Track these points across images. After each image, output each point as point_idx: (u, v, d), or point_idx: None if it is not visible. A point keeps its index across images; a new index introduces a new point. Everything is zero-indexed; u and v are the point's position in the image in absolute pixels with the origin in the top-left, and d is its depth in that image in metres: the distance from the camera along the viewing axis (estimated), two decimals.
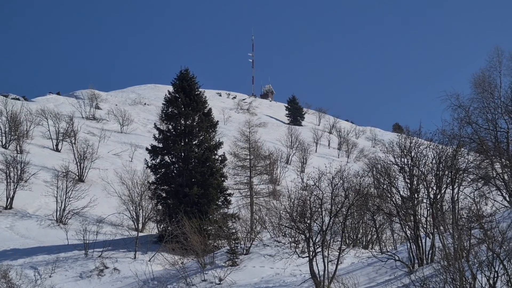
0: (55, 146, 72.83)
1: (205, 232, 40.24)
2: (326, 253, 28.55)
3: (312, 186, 30.33)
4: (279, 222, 35.01)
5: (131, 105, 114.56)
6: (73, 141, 72.22)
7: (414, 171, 29.73)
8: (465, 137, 39.28)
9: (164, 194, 45.45)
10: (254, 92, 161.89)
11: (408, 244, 28.84)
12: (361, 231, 40.76)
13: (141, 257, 40.22)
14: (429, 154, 30.13)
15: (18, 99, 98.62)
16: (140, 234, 43.68)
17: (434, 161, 29.75)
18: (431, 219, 28.59)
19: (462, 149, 34.58)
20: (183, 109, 45.95)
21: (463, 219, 25.87)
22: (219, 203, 45.34)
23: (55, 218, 49.52)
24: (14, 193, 51.42)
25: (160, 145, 46.01)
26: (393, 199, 30.15)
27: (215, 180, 44.53)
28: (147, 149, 47.00)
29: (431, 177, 29.56)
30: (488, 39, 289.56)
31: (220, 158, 46.49)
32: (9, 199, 51.23)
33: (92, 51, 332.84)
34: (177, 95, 46.60)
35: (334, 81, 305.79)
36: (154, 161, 46.01)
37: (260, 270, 35.71)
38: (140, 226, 47.38)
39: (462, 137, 38.11)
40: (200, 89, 47.86)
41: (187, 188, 43.64)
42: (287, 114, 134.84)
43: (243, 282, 34.02)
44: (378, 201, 32.36)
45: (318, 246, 28.77)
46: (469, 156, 34.50)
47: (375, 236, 39.61)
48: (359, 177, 36.14)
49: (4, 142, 67.72)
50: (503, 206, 33.91)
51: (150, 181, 46.73)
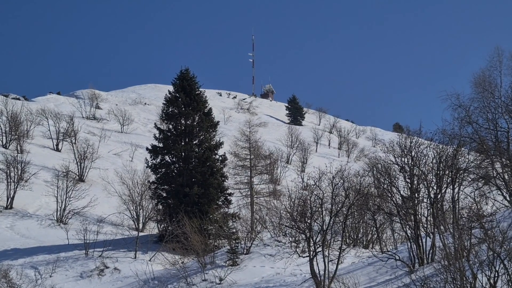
0: (55, 146, 72.85)
1: (205, 231, 40.24)
2: (326, 253, 28.53)
3: (312, 186, 30.32)
4: (280, 221, 35.03)
5: (131, 105, 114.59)
6: (74, 141, 72.29)
7: (415, 171, 29.73)
8: (466, 137, 39.27)
9: (165, 194, 45.44)
10: (255, 91, 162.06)
11: (409, 243, 28.83)
12: (361, 230, 40.73)
13: (142, 257, 40.22)
14: (429, 154, 30.13)
15: (18, 99, 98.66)
16: (141, 234, 43.65)
17: (434, 161, 29.75)
18: (431, 219, 28.58)
19: (463, 148, 34.59)
20: (183, 109, 45.94)
21: (464, 218, 25.87)
22: (220, 202, 45.34)
23: (56, 218, 49.53)
24: (14, 193, 51.44)
25: (161, 144, 46.00)
26: (394, 199, 30.14)
27: (215, 180, 44.52)
28: (147, 148, 46.99)
29: (431, 177, 29.56)
30: (488, 38, 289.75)
31: (221, 158, 46.47)
32: (9, 199, 51.24)
33: (92, 51, 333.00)
34: (177, 94, 46.59)
35: (334, 80, 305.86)
36: (154, 161, 46.00)
37: (261, 269, 35.70)
38: (141, 226, 47.36)
39: (462, 136, 38.10)
40: (200, 89, 47.84)
41: (188, 188, 43.62)
42: (287, 113, 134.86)
43: (244, 282, 34.01)
44: (379, 201, 32.35)
45: (318, 245, 28.76)
46: (470, 155, 34.51)
47: (375, 235, 39.59)
48: (360, 177, 36.11)
49: (4, 142, 67.74)
50: (504, 206, 33.90)
51: (151, 180, 46.72)
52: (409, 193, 29.88)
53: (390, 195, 30.45)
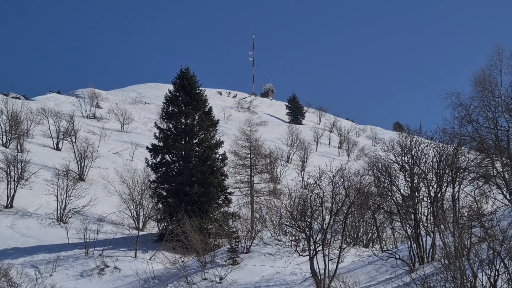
0: (55, 145, 72.84)
1: (205, 231, 40.24)
2: (326, 252, 28.53)
3: (312, 185, 30.31)
4: (280, 220, 35.01)
5: (131, 104, 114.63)
6: (74, 140, 72.27)
7: (415, 170, 29.72)
8: (466, 136, 39.23)
9: (165, 193, 45.45)
10: (255, 90, 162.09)
11: (409, 242, 28.83)
12: (361, 229, 40.75)
13: (142, 256, 40.22)
14: (429, 153, 30.12)
15: (18, 98, 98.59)
16: (141, 233, 43.65)
17: (434, 160, 29.76)
18: (431, 218, 28.59)
19: (463, 147, 34.58)
20: (183, 108, 45.94)
21: (464, 217, 25.85)
22: (220, 201, 45.33)
23: (56, 217, 49.52)
24: (14, 192, 51.42)
25: (161, 144, 45.99)
26: (394, 198, 30.15)
27: (215, 179, 44.51)
28: (147, 148, 46.99)
29: (431, 176, 29.56)
30: (488, 37, 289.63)
31: (221, 157, 46.47)
32: (9, 198, 51.23)
33: (92, 50, 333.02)
34: (177, 93, 46.58)
35: (334, 79, 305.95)
36: (154, 160, 46.00)
37: (261, 268, 35.71)
38: (141, 225, 47.37)
39: (462, 135, 38.05)
40: (200, 88, 47.81)
41: (188, 187, 43.62)
42: (287, 112, 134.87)
43: (244, 281, 34.02)
44: (379, 200, 32.37)
45: (318, 244, 28.75)
46: (470, 154, 34.49)
47: (375, 234, 39.61)
48: (360, 176, 36.17)
49: (4, 141, 67.71)
50: (504, 205, 33.89)
51: (151, 179, 46.72)
52: (409, 192, 29.88)
53: (390, 194, 30.45)
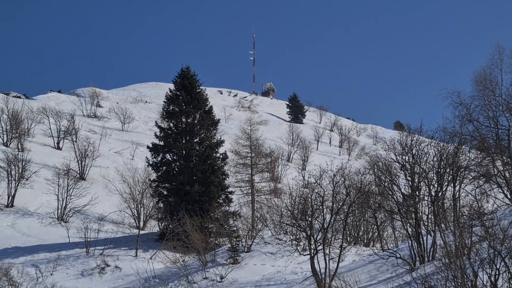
0: (56, 144, 72.89)
1: (206, 230, 40.23)
2: (327, 251, 28.53)
3: (313, 184, 30.31)
4: (280, 219, 34.99)
5: (132, 103, 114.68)
6: (74, 139, 72.29)
7: (415, 169, 29.70)
8: (466, 135, 39.21)
9: (165, 192, 45.44)
10: (255, 90, 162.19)
11: (409, 241, 28.82)
12: (362, 228, 40.74)
13: (143, 255, 40.24)
14: (430, 152, 30.11)
15: (19, 97, 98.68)
16: (142, 232, 43.67)
17: (435, 159, 29.74)
18: (432, 217, 28.58)
19: (463, 146, 34.55)
20: (184, 107, 45.92)
21: (465, 216, 25.87)
22: (220, 201, 45.32)
23: (57, 216, 49.56)
24: (15, 191, 51.47)
25: (161, 143, 45.99)
26: (394, 197, 30.14)
27: (216, 178, 44.51)
28: (148, 147, 46.98)
29: (432, 175, 29.54)
30: (489, 36, 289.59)
31: (221, 156, 46.45)
32: (10, 197, 51.28)
33: (93, 49, 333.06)
34: (178, 93, 46.58)
35: (335, 79, 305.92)
36: (155, 159, 46.00)
37: (261, 268, 35.71)
38: (142, 224, 47.37)
39: (463, 134, 38.04)
40: (201, 87, 47.77)
41: (188, 186, 43.62)
42: (288, 112, 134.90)
43: (244, 280, 34.02)
44: (379, 199, 32.37)
45: (319, 243, 28.76)
46: (470, 153, 34.45)
47: (376, 233, 39.61)
48: (360, 175, 36.08)
49: (5, 140, 67.75)
50: (504, 204, 33.89)
51: (151, 179, 46.72)
52: (410, 191, 29.87)
53: (391, 193, 30.45)
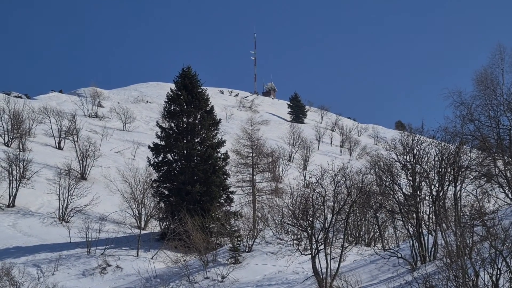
0: (57, 144, 72.91)
1: (207, 230, 40.24)
2: (328, 251, 28.54)
3: (314, 184, 30.31)
4: (282, 219, 35.02)
5: (133, 103, 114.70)
6: (76, 139, 72.29)
7: (417, 169, 29.69)
8: (468, 135, 39.16)
9: (167, 192, 45.46)
10: (256, 89, 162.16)
11: (411, 241, 28.81)
12: (363, 228, 40.72)
13: (144, 255, 40.26)
14: (431, 152, 30.10)
15: (20, 97, 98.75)
16: (143, 232, 43.69)
17: (436, 159, 29.72)
18: (433, 217, 28.56)
19: (465, 146, 34.51)
20: (185, 106, 45.93)
21: (466, 216, 25.85)
22: (222, 200, 45.34)
23: (58, 216, 49.57)
24: (16, 191, 51.48)
25: (163, 143, 46.00)
26: (396, 197, 30.14)
27: (217, 178, 44.52)
28: (149, 147, 46.99)
29: (433, 175, 29.53)
30: (490, 36, 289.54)
31: (223, 156, 46.46)
32: (11, 197, 51.29)
33: (94, 49, 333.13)
34: (179, 92, 46.58)
35: (336, 78, 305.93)
36: (156, 159, 46.02)
37: (263, 267, 35.72)
38: (143, 224, 47.37)
39: (464, 134, 37.99)
40: (202, 87, 47.79)
41: (190, 186, 43.63)
42: (289, 111, 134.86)
43: (246, 280, 34.03)
44: (381, 199, 32.36)
45: (320, 243, 28.76)
46: (472, 153, 34.40)
47: (377, 233, 39.60)
48: (362, 175, 36.07)
49: (6, 140, 67.77)
50: (506, 204, 33.84)
51: (153, 179, 46.74)
52: (411, 191, 29.86)
53: (392, 193, 30.44)
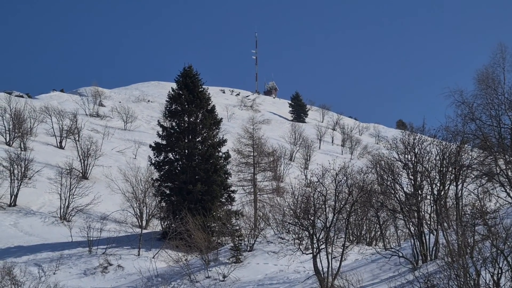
0: (58, 143, 72.94)
1: (208, 229, 40.25)
2: (329, 250, 28.54)
3: (315, 183, 30.32)
4: (283, 218, 35.01)
5: (134, 102, 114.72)
6: (77, 138, 72.26)
7: (418, 168, 29.70)
8: (469, 134, 39.15)
9: (168, 191, 45.46)
10: (258, 89, 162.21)
11: (412, 240, 28.82)
12: (364, 227, 40.73)
13: (145, 254, 40.27)
14: (432, 151, 30.09)
15: (21, 97, 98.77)
16: (144, 231, 43.71)
17: (437, 158, 29.72)
18: (435, 216, 28.57)
19: (466, 145, 34.53)
20: (186, 106, 45.93)
21: (467, 215, 25.88)
22: (223, 200, 45.33)
23: (59, 215, 49.60)
24: (18, 190, 51.52)
25: (164, 142, 46.00)
26: (397, 196, 30.14)
27: (218, 177, 44.51)
28: (150, 146, 46.99)
29: (434, 174, 29.52)
30: (491, 35, 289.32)
31: (224, 155, 46.44)
32: (13, 196, 51.32)
33: (95, 48, 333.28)
34: (180, 92, 46.57)
35: (337, 78, 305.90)
36: (157, 158, 46.02)
37: (264, 267, 35.73)
38: (144, 223, 47.35)
39: (465, 133, 37.98)
40: (203, 86, 47.76)
41: (191, 185, 43.62)
42: (290, 111, 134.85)
43: (247, 279, 34.05)
44: (382, 198, 32.35)
45: (321, 242, 28.77)
46: (473, 152, 34.44)
47: (378, 232, 39.60)
48: (363, 174, 36.06)
49: (8, 139, 67.80)
50: (507, 203, 33.84)
51: (154, 178, 46.72)
52: (412, 190, 29.85)
53: (393, 192, 30.45)
